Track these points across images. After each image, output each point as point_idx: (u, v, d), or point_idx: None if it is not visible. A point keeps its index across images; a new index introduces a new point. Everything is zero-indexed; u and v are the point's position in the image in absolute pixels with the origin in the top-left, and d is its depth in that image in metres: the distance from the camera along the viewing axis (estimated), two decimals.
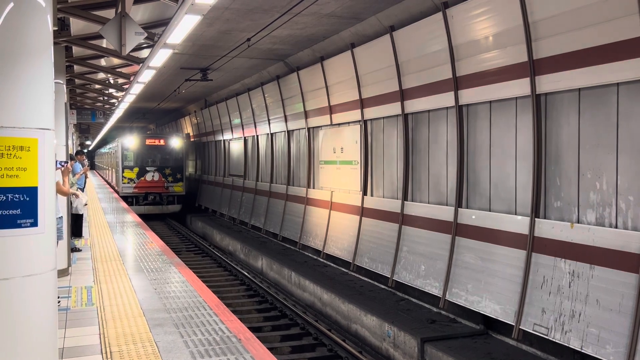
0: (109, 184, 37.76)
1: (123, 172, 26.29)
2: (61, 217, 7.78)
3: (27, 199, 3.77)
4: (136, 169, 26.49)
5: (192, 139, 31.41)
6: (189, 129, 32.14)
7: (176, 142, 27.58)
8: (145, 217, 22.36)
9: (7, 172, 3.68)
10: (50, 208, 3.94)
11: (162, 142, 27.54)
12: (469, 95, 9.11)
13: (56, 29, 7.51)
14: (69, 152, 11.42)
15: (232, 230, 20.69)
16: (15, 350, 3.72)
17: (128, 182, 26.14)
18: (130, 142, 26.79)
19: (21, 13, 3.69)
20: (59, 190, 7.42)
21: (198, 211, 28.12)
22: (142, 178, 26.45)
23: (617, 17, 6.48)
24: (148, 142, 27.17)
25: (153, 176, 26.61)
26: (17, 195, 3.73)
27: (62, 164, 7.59)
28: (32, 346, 3.83)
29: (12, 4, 3.65)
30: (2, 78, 3.64)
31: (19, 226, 3.74)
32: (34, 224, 3.80)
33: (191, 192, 29.08)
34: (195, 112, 29.33)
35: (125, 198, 25.51)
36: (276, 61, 16.03)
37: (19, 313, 3.74)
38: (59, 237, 7.58)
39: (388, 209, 11.57)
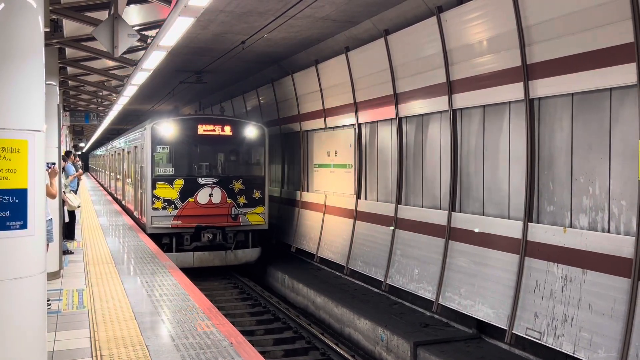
0: (122, 206, 21.73)
1: (154, 187, 14.42)
2: (51, 220, 7.71)
3: (17, 201, 3.74)
4: (179, 182, 14.52)
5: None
6: None
7: (252, 132, 15.42)
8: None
9: None
10: (40, 210, 3.91)
11: (228, 130, 15.24)
12: (462, 99, 9.12)
13: (48, 30, 7.48)
14: (62, 154, 11.35)
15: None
16: (3, 354, 3.68)
17: (163, 208, 14.33)
18: (168, 129, 14.70)
19: (11, 13, 3.66)
20: (47, 193, 7.36)
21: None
22: (191, 199, 14.51)
23: (610, 23, 6.50)
24: (203, 129, 15.02)
25: (211, 195, 14.64)
26: (6, 197, 3.70)
27: (50, 165, 7.50)
28: (20, 349, 3.79)
29: (2, 5, 3.62)
30: None
31: (8, 228, 3.71)
32: (24, 226, 3.77)
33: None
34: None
35: (157, 237, 13.93)
36: (271, 64, 16.02)
37: (7, 316, 3.70)
38: (49, 240, 7.52)
39: (382, 213, 11.56)
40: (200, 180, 14.66)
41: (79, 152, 48.22)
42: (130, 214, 18.22)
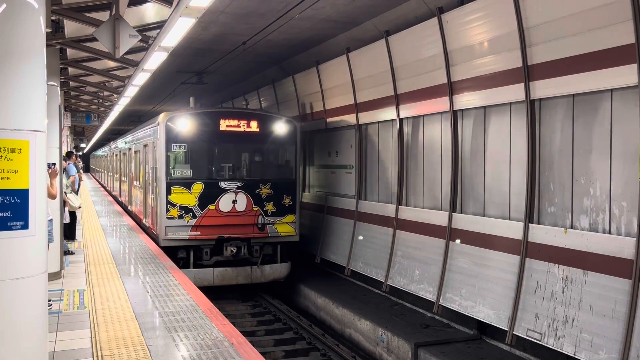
0: (126, 210, 20.15)
1: (169, 192, 12.47)
2: (51, 220, 7.72)
3: (18, 201, 3.74)
4: (198, 186, 12.52)
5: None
6: None
7: (282, 128, 13.25)
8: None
9: None
10: (42, 211, 3.91)
11: (254, 126, 13.06)
12: (463, 100, 9.12)
13: (50, 30, 7.48)
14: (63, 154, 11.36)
15: None
16: (4, 354, 3.68)
17: (179, 216, 12.37)
18: (185, 125, 12.61)
19: (13, 14, 3.66)
20: (47, 193, 7.35)
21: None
22: (212, 206, 12.53)
23: (611, 24, 6.50)
24: (226, 125, 12.87)
25: (234, 202, 12.67)
26: (7, 198, 3.70)
27: (50, 165, 7.50)
28: (21, 349, 3.80)
29: (4, 5, 3.63)
30: None
31: (10, 228, 3.71)
32: (25, 226, 3.77)
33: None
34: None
35: (171, 251, 12.10)
36: (272, 65, 16.03)
37: (8, 316, 3.70)
38: (49, 240, 7.52)
39: (382, 214, 11.56)
40: (223, 185, 12.64)
41: (80, 153, 48.24)
42: (139, 222, 16.11)
